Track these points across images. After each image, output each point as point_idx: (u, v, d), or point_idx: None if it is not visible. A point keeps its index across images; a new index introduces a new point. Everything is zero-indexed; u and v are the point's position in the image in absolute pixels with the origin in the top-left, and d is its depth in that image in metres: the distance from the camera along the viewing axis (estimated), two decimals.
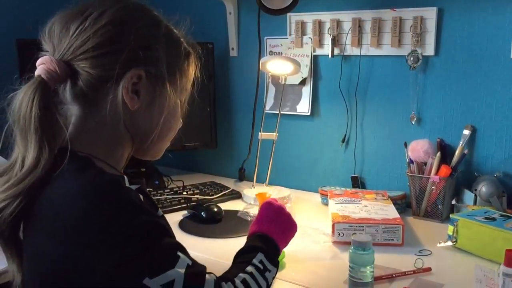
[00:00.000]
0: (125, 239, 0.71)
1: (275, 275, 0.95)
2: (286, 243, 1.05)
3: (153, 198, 1.03)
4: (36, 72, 0.79)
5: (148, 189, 1.06)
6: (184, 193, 1.74)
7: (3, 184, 0.77)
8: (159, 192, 1.72)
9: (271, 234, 0.99)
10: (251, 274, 0.87)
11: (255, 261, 0.90)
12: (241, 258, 0.92)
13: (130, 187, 0.78)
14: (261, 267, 0.90)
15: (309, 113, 1.81)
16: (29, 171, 0.75)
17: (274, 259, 0.95)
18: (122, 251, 0.70)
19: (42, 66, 0.78)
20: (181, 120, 0.94)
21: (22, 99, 0.76)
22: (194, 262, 0.78)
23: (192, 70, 0.92)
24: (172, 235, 0.80)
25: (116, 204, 0.73)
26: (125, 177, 0.81)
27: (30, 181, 0.75)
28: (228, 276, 0.85)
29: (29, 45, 1.60)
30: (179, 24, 0.90)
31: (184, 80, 0.90)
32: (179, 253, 0.76)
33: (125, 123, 0.83)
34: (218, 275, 0.84)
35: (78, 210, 0.72)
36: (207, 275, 0.78)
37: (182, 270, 0.74)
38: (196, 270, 0.77)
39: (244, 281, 0.84)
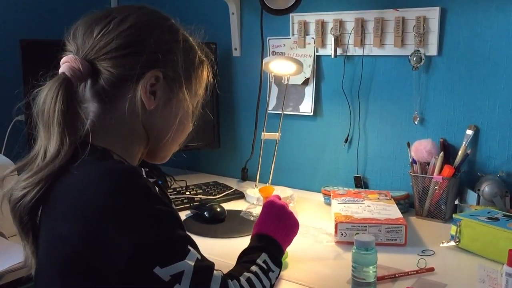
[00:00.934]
0: (144, 224, 0.74)
1: (278, 275, 0.96)
2: (289, 242, 1.06)
3: None
4: (60, 70, 0.83)
5: None
6: (187, 193, 1.74)
7: (26, 173, 0.81)
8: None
9: (274, 234, 1.01)
10: (255, 273, 0.88)
11: (259, 261, 0.92)
12: (246, 258, 0.94)
13: (146, 178, 0.80)
14: (265, 267, 0.92)
15: (311, 113, 1.81)
16: (50, 161, 0.79)
17: (277, 259, 0.96)
18: (139, 236, 0.73)
19: (67, 64, 0.83)
20: (191, 124, 0.97)
21: (47, 94, 0.80)
22: (203, 257, 0.80)
23: (205, 77, 0.96)
24: (184, 229, 0.82)
25: (138, 189, 0.76)
26: (142, 169, 0.85)
27: (50, 170, 0.78)
28: (234, 274, 0.87)
29: (32, 46, 1.62)
30: (194, 34, 0.95)
31: (198, 85, 0.94)
32: (190, 247, 0.78)
33: (142, 122, 0.87)
34: None
35: (100, 193, 0.74)
36: (214, 271, 0.80)
37: (192, 263, 0.76)
38: (205, 265, 0.79)
39: (249, 280, 0.86)
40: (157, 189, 0.81)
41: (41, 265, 0.83)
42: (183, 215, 1.55)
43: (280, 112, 1.77)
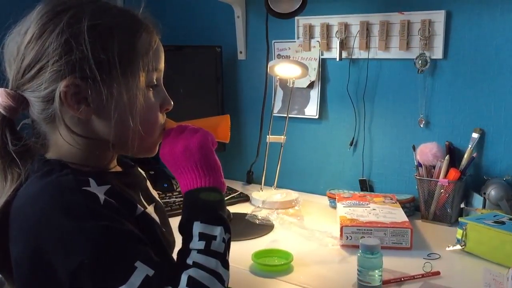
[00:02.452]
0: (78, 244, 0.69)
1: (226, 231, 0.79)
2: (219, 171, 0.87)
3: (161, 201, 1.01)
4: None
5: (157, 191, 1.04)
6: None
7: None
8: (167, 195, 1.73)
9: (195, 183, 0.82)
10: (195, 265, 0.74)
11: (193, 244, 0.76)
12: (181, 247, 0.79)
13: (89, 191, 0.74)
14: (203, 245, 0.76)
15: (317, 116, 1.81)
16: None
17: (214, 216, 0.80)
18: (74, 257, 0.69)
19: None
20: (171, 101, 0.86)
21: None
22: (156, 273, 0.70)
23: (144, 50, 0.80)
24: (141, 239, 0.74)
25: (68, 207, 0.71)
26: (91, 179, 0.76)
27: (1, 203, 0.79)
28: (173, 283, 0.73)
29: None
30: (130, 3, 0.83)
31: (135, 66, 0.79)
32: (138, 263, 0.70)
33: (81, 134, 0.79)
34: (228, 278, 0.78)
35: (37, 212, 0.73)
36: None
37: (135, 287, 0.68)
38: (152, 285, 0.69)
39: (190, 281, 0.72)
40: (102, 198, 0.73)
41: None
42: None
43: (286, 115, 1.77)
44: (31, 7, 0.80)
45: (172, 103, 0.87)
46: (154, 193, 0.98)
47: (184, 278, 0.72)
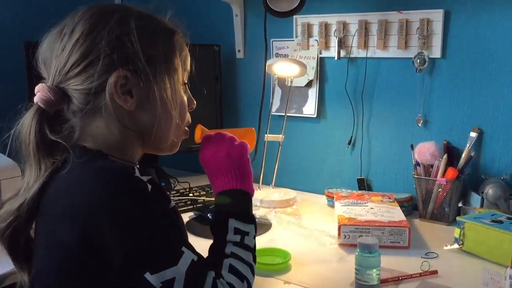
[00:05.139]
0: (136, 228, 0.73)
1: (256, 228, 0.91)
2: (250, 177, 0.97)
3: None
4: (34, 99, 0.83)
5: None
6: (191, 194, 1.74)
7: (14, 201, 0.82)
8: None
9: (230, 184, 0.93)
10: (233, 255, 0.85)
11: (229, 236, 0.87)
12: (216, 238, 0.89)
13: (140, 177, 0.78)
14: (238, 238, 0.87)
15: (315, 115, 1.81)
16: (30, 189, 0.81)
17: (246, 215, 0.91)
18: (131, 241, 0.72)
19: (38, 94, 0.82)
20: (194, 101, 0.94)
21: (22, 126, 0.81)
22: (199, 258, 0.78)
23: (179, 50, 0.89)
24: (181, 229, 0.81)
25: (129, 191, 0.75)
26: (136, 167, 0.82)
27: (33, 193, 0.81)
28: (216, 269, 0.82)
29: (37, 48, 1.63)
30: (159, 10, 0.90)
31: (177, 62, 0.88)
32: (184, 248, 0.76)
33: (126, 124, 0.84)
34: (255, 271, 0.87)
35: (92, 194, 0.74)
36: (207, 275, 0.77)
37: (184, 268, 0.74)
38: (197, 271, 0.76)
39: (231, 269, 0.82)
40: (149, 187, 0.78)
41: (39, 271, 0.82)
42: (186, 216, 1.55)
43: (284, 114, 1.77)
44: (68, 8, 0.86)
45: (195, 103, 0.95)
46: None
47: (226, 264, 0.83)
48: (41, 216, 0.81)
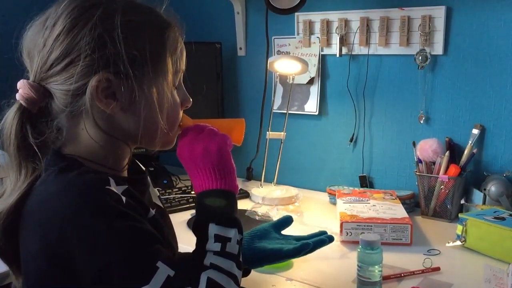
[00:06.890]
0: (101, 246, 0.69)
1: (240, 232, 0.80)
2: (233, 173, 0.88)
3: (161, 197, 1.01)
4: (16, 97, 0.79)
5: (157, 188, 1.03)
6: (192, 192, 1.74)
7: None
8: (167, 191, 1.73)
9: (210, 184, 0.83)
10: (212, 266, 0.74)
11: (209, 245, 0.77)
12: (196, 246, 0.79)
13: (113, 190, 0.73)
14: (219, 246, 0.76)
15: (317, 113, 1.81)
16: (8, 198, 0.78)
17: (228, 218, 0.80)
18: (98, 258, 0.69)
19: (20, 91, 0.78)
20: (190, 99, 0.89)
21: (4, 125, 0.78)
22: (176, 273, 0.71)
23: (171, 49, 0.82)
24: (164, 237, 0.76)
25: (94, 209, 0.71)
26: (111, 178, 0.75)
27: (15, 196, 0.78)
28: (192, 281, 0.73)
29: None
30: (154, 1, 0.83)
31: (165, 64, 0.81)
32: (160, 263, 0.70)
33: (108, 128, 0.79)
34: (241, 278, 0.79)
35: (60, 209, 0.71)
36: None
37: (158, 285, 0.68)
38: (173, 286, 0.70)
39: (210, 283, 0.72)
40: (124, 199, 0.73)
41: (24, 279, 0.81)
42: (188, 214, 1.55)
43: (285, 112, 1.77)
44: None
45: (191, 100, 0.89)
46: (156, 197, 0.97)
47: (203, 279, 0.72)
48: (21, 226, 0.78)
